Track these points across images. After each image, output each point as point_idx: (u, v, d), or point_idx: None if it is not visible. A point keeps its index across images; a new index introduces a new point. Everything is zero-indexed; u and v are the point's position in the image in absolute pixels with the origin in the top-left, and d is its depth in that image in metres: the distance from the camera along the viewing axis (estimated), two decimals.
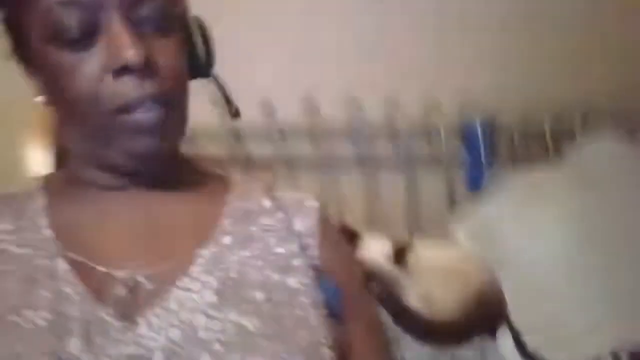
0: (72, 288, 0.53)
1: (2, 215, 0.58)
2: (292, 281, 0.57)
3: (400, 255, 1.02)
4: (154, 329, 0.51)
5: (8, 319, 0.50)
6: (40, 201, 0.59)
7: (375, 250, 1.01)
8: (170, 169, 0.60)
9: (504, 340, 1.02)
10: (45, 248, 0.55)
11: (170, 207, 0.59)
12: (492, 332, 1.03)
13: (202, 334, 0.51)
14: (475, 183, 1.35)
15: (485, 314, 1.01)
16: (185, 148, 0.62)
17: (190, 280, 0.54)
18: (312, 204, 0.63)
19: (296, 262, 0.58)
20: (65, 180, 0.62)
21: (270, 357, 0.51)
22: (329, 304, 0.58)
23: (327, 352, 0.55)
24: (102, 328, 0.51)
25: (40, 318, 0.50)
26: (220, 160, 0.73)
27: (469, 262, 1.06)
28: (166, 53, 0.55)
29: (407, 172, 1.36)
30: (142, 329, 0.51)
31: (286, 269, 0.58)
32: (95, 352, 0.50)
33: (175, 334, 0.51)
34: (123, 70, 0.52)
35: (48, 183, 0.62)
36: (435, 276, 1.02)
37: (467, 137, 1.37)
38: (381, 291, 0.96)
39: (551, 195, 1.11)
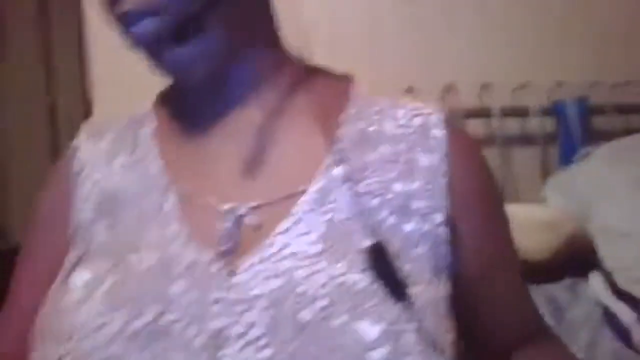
0: (178, 226, 0.51)
1: (120, 149, 0.57)
2: (409, 227, 0.50)
3: None
4: (256, 277, 0.48)
5: (126, 259, 0.50)
6: (151, 126, 0.58)
7: None
8: (258, 82, 0.54)
9: (595, 280, 1.08)
10: (157, 182, 0.54)
11: (278, 129, 0.54)
12: (582, 273, 1.09)
13: (303, 288, 0.46)
14: (567, 159, 1.41)
15: (575, 258, 1.08)
16: None
17: (294, 221, 0.50)
18: (440, 132, 0.53)
19: (417, 204, 0.51)
20: (175, 95, 0.58)
21: (380, 321, 0.45)
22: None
23: (445, 309, 0.49)
24: (206, 272, 0.48)
25: (150, 259, 0.49)
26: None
27: (559, 214, 1.13)
28: None
29: (501, 151, 1.45)
30: (244, 276, 0.48)
31: (404, 211, 0.50)
32: (199, 296, 0.47)
33: (275, 285, 0.47)
34: None
35: (160, 100, 0.60)
36: (526, 229, 1.09)
37: (560, 115, 1.45)
38: None
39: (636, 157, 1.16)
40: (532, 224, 1.10)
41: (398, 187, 0.51)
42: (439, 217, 0.51)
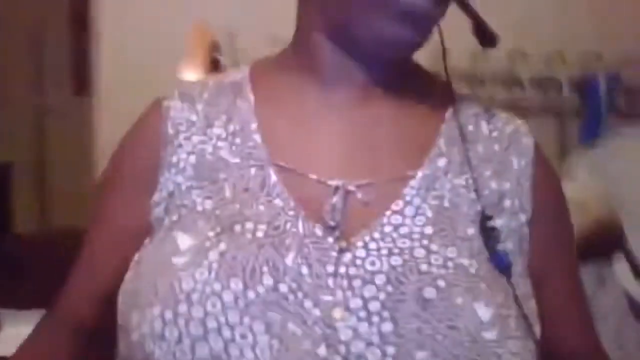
0: (284, 201, 0.51)
1: (215, 118, 0.56)
2: (500, 223, 0.52)
3: None
4: (373, 253, 0.49)
5: (234, 228, 0.50)
6: (249, 98, 0.57)
7: None
8: (401, 69, 0.55)
9: (620, 265, 1.05)
10: (256, 156, 0.54)
11: (387, 115, 0.54)
12: (607, 256, 1.06)
13: (424, 267, 0.48)
14: (591, 135, 1.36)
15: (603, 240, 1.04)
16: None
17: (404, 203, 0.51)
18: (529, 140, 0.56)
19: (507, 202, 0.53)
20: (275, 70, 0.58)
21: (491, 304, 0.47)
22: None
23: (533, 302, 0.52)
24: (318, 246, 0.49)
25: (259, 230, 0.50)
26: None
27: (587, 192, 1.09)
28: None
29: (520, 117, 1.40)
30: (360, 251, 0.49)
31: (496, 208, 0.53)
32: (313, 269, 0.48)
33: (397, 261, 0.48)
34: None
35: (257, 72, 0.59)
36: None
37: (588, 89, 1.39)
38: None
39: None
40: None
41: (493, 184, 0.54)
42: (523, 217, 0.54)
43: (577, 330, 0.59)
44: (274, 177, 0.52)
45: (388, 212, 0.50)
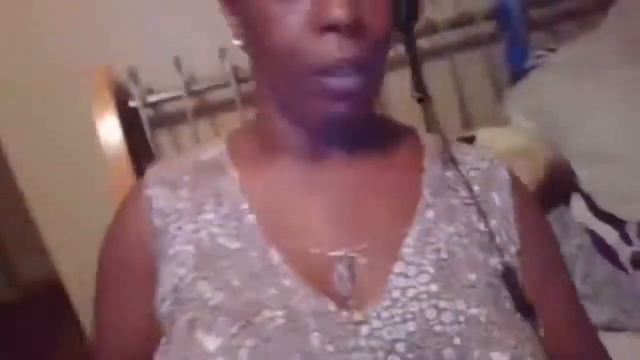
0: (293, 282, 0.52)
1: (204, 202, 0.56)
2: (495, 262, 0.55)
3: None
4: (388, 322, 0.50)
5: (255, 321, 0.49)
6: (233, 176, 0.57)
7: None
8: (365, 133, 0.57)
9: (577, 204, 1.09)
10: (254, 238, 0.54)
11: (369, 177, 0.57)
12: (565, 200, 1.10)
13: (439, 328, 0.49)
14: (517, 60, 1.36)
15: (557, 187, 1.07)
16: None
17: (405, 264, 0.53)
18: (503, 174, 0.60)
19: (497, 239, 0.56)
20: (252, 141, 0.59)
21: (507, 350, 0.48)
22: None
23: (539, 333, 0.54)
24: (335, 321, 0.50)
25: (279, 317, 0.50)
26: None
27: (533, 141, 1.10)
28: (375, 11, 0.50)
29: (448, 63, 1.38)
30: (376, 322, 0.50)
31: (489, 248, 0.55)
32: (337, 346, 0.48)
33: (412, 327, 0.49)
34: (328, 29, 0.48)
35: (234, 147, 0.60)
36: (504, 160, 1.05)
37: (502, 14, 1.36)
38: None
39: (603, 66, 1.11)
40: (510, 154, 1.05)
41: (481, 226, 0.56)
42: (513, 249, 0.57)
43: (580, 338, 0.62)
44: (277, 258, 0.53)
45: (392, 277, 0.52)
